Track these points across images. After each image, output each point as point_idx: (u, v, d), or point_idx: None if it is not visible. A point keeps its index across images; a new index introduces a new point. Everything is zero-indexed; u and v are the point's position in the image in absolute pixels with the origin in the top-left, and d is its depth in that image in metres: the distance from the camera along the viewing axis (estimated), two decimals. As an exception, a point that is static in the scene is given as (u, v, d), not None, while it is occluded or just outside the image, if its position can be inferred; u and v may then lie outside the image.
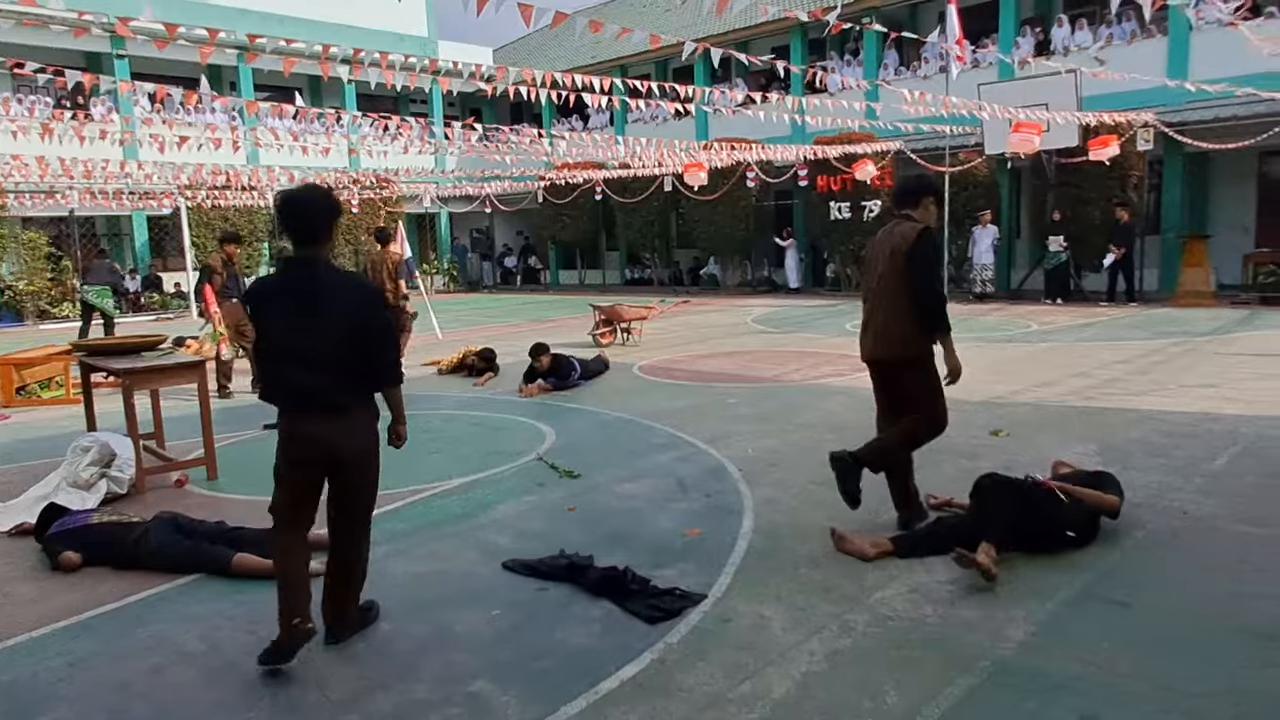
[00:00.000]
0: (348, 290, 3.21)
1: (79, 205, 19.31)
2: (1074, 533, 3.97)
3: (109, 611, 3.71)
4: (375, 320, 3.22)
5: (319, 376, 3.12)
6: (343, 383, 3.16)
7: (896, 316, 4.17)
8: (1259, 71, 13.25)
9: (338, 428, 3.17)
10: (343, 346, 3.12)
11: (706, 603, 3.55)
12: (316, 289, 3.15)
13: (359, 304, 3.19)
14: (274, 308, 3.19)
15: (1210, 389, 7.36)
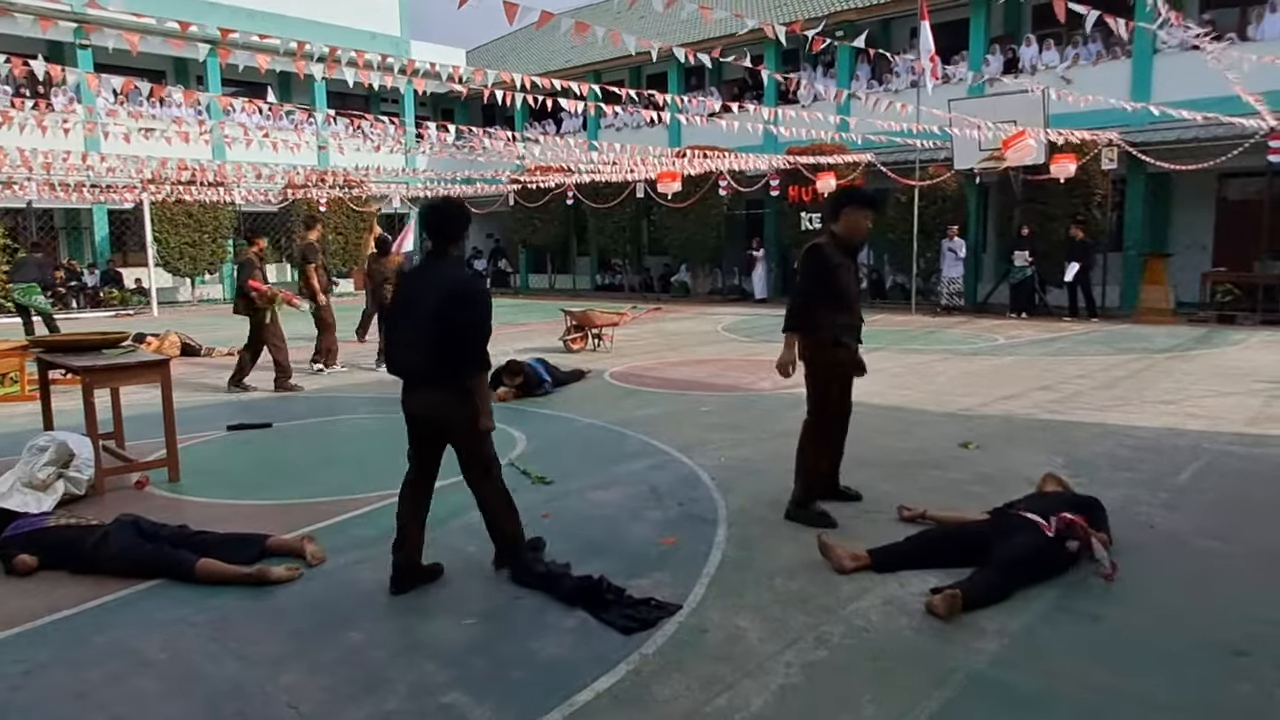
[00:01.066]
0: (446, 287, 3.69)
1: (37, 197, 18.85)
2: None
3: (66, 617, 3.59)
4: (457, 310, 3.67)
5: (422, 353, 3.70)
6: (439, 360, 3.68)
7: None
8: (1219, 95, 13.58)
9: (435, 397, 3.76)
10: (443, 330, 3.65)
11: (682, 613, 3.52)
12: (428, 281, 3.76)
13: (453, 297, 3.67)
14: (402, 292, 3.94)
15: (1172, 404, 7.50)
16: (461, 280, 3.78)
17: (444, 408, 3.79)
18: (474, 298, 3.73)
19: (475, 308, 3.73)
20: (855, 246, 4.76)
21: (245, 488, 5.50)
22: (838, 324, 4.60)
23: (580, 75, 24.12)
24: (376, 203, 25.23)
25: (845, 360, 4.67)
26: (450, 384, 3.74)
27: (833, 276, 4.59)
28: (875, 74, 20.28)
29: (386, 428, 7.36)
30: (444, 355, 3.68)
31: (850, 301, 4.66)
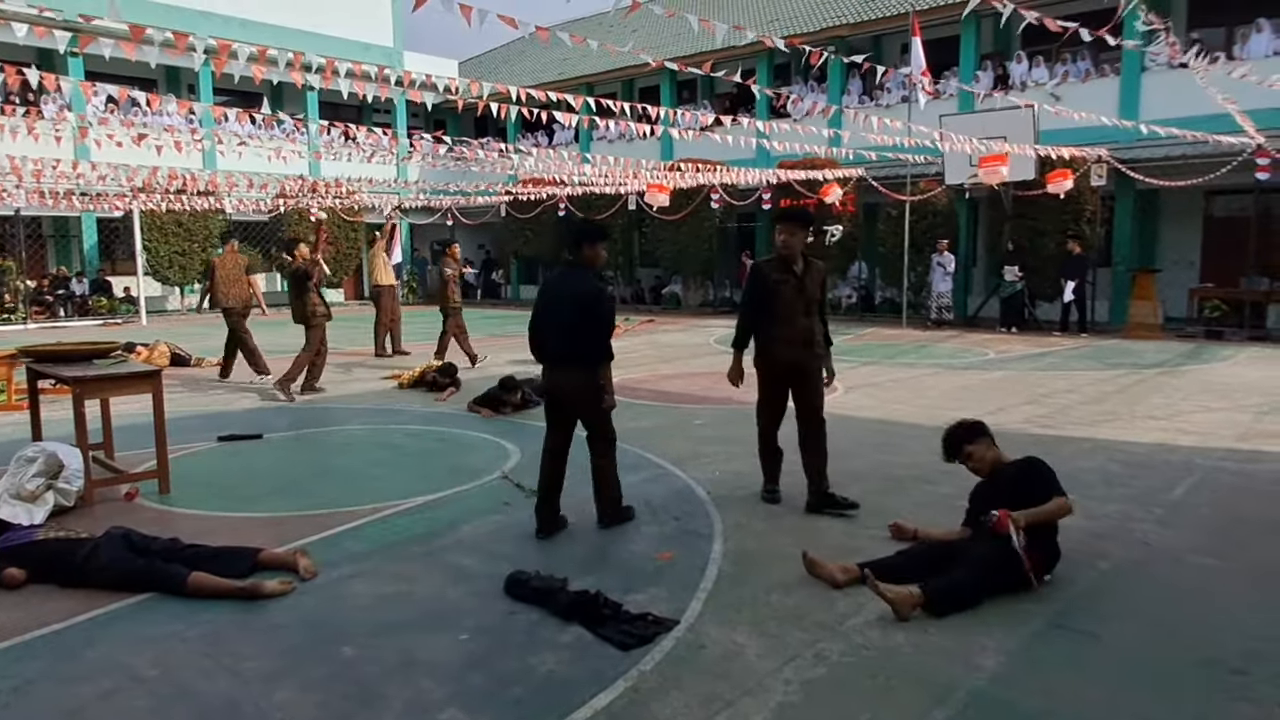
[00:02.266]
0: (580, 289, 4.61)
1: (25, 205, 18.72)
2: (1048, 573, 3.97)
3: (56, 631, 3.54)
4: (589, 308, 4.58)
5: (560, 343, 4.63)
6: (575, 350, 4.61)
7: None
8: (1206, 113, 13.72)
9: (571, 379, 4.65)
10: (577, 323, 4.58)
11: (679, 629, 3.50)
12: (568, 285, 4.67)
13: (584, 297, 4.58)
14: (544, 294, 4.83)
15: (1163, 420, 7.54)
16: (591, 287, 4.64)
17: (577, 387, 4.66)
18: (600, 302, 4.62)
19: (601, 310, 4.62)
20: (793, 260, 5.00)
21: (236, 500, 5.45)
22: (775, 338, 5.01)
23: (572, 87, 24.23)
24: (368, 213, 25.17)
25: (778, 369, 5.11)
26: (582, 369, 4.61)
27: (768, 293, 4.95)
28: (866, 89, 20.41)
29: (378, 440, 7.34)
30: (578, 346, 4.60)
31: (789, 315, 4.95)
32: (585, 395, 4.65)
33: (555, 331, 4.67)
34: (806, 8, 23.00)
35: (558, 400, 4.79)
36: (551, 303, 4.73)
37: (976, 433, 4.45)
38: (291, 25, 24.57)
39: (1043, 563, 3.93)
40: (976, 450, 4.40)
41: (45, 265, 22.50)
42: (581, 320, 4.58)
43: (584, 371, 4.62)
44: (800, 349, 5.01)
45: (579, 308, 4.58)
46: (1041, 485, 4.07)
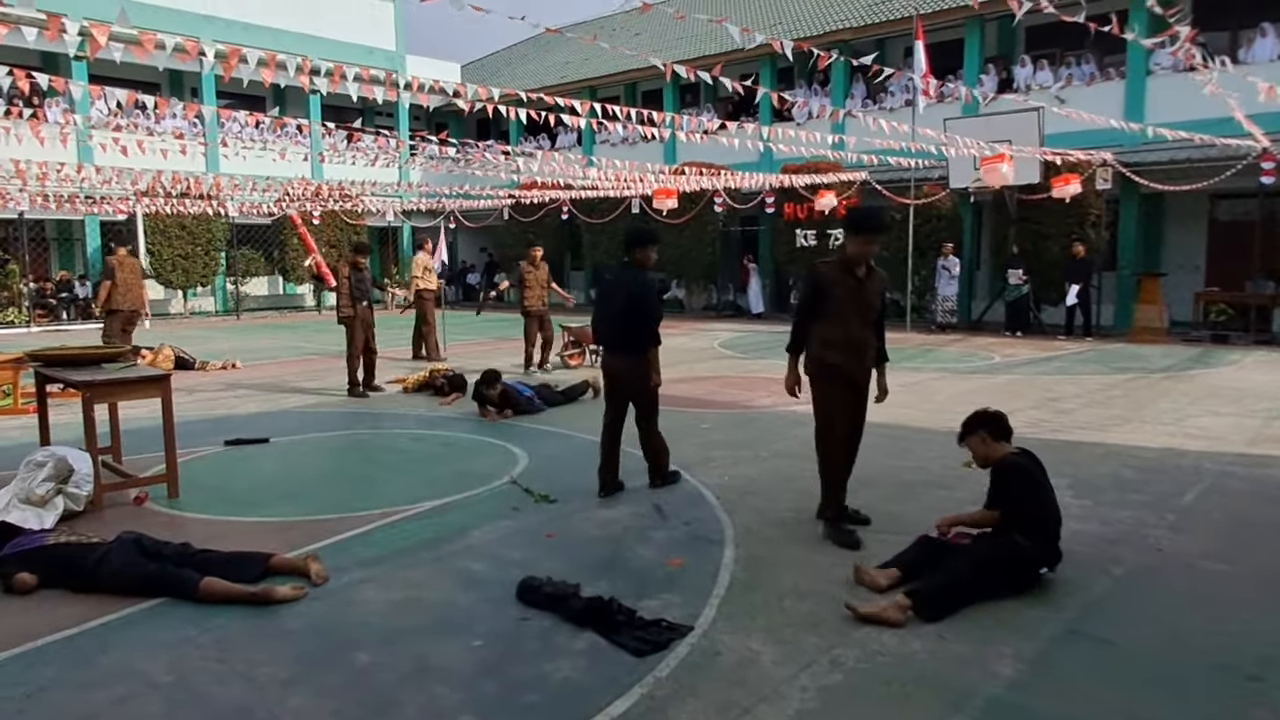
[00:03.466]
0: (633, 283, 5.37)
1: (29, 208, 18.75)
2: (1047, 568, 4.01)
3: (68, 637, 3.53)
4: (641, 300, 5.32)
5: (614, 332, 5.43)
6: (625, 337, 5.37)
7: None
8: (1211, 117, 13.72)
9: (624, 361, 5.40)
10: (627, 315, 5.31)
11: (693, 635, 3.49)
12: (621, 282, 5.44)
13: (636, 290, 5.34)
14: (601, 288, 5.79)
15: (1171, 425, 7.52)
16: (640, 281, 5.40)
17: (629, 370, 5.40)
18: (648, 294, 5.36)
19: (650, 301, 5.35)
20: (857, 266, 4.75)
21: (245, 504, 5.44)
22: (828, 341, 4.71)
23: (576, 91, 24.25)
24: (369, 216, 25.19)
25: (833, 375, 4.71)
26: (633, 354, 5.36)
27: (825, 297, 4.70)
28: (870, 93, 20.41)
29: (385, 444, 7.34)
30: (629, 335, 5.34)
31: (845, 320, 4.69)
32: (635, 375, 5.39)
33: (609, 322, 5.46)
34: (810, 11, 23.02)
35: (613, 380, 5.54)
36: (607, 298, 5.56)
37: (971, 427, 4.43)
38: (294, 29, 24.62)
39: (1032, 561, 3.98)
40: (970, 444, 4.42)
41: (48, 268, 22.52)
42: (631, 313, 5.32)
43: (634, 357, 5.37)
44: (853, 356, 4.72)
45: (629, 302, 5.33)
46: (996, 489, 4.22)
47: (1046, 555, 4.01)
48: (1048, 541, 4.01)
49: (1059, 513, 4.13)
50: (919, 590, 3.69)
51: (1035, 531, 3.97)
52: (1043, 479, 4.17)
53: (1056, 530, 4.06)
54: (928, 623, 3.57)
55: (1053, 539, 4.03)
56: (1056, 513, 4.12)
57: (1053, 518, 4.08)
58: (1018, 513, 4.02)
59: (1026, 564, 3.94)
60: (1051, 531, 4.04)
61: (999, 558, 3.89)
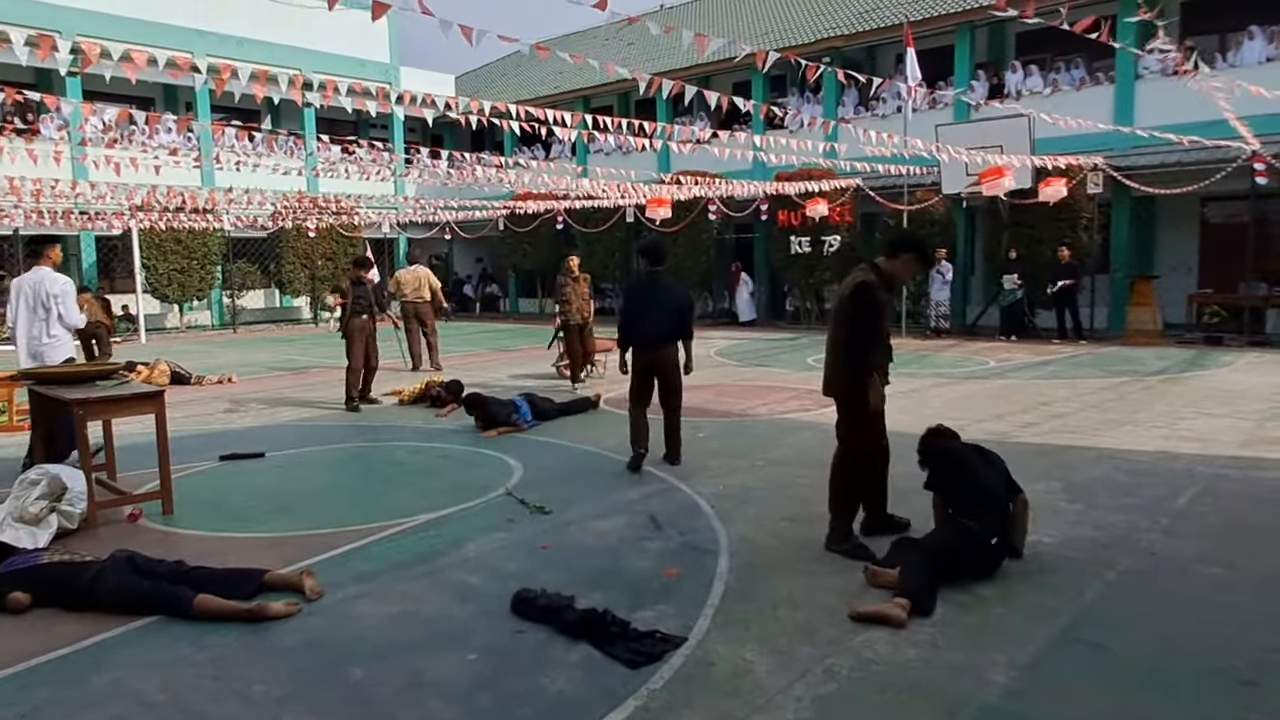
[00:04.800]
0: (673, 290, 6.66)
1: (24, 224, 18.73)
2: (995, 537, 4.14)
3: (62, 656, 3.53)
4: (684, 304, 6.57)
5: (661, 329, 6.40)
6: (672, 332, 6.43)
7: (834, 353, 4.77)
8: (1200, 120, 13.79)
9: (668, 353, 6.45)
10: (669, 315, 6.40)
11: (688, 646, 3.49)
12: (661, 287, 6.57)
13: (678, 296, 6.61)
14: (639, 294, 6.61)
15: (1165, 427, 7.54)
16: (678, 286, 6.99)
17: (671, 359, 6.47)
18: (687, 296, 6.79)
19: (688, 301, 6.67)
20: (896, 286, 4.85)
21: (240, 520, 5.44)
22: (878, 361, 4.65)
23: (569, 101, 24.35)
24: (365, 228, 25.21)
25: (880, 395, 4.65)
26: (675, 346, 6.48)
27: (882, 315, 4.64)
28: (862, 99, 20.49)
29: (381, 456, 7.34)
30: (675, 329, 6.43)
31: (887, 338, 4.73)
32: (676, 364, 6.48)
33: (654, 323, 6.39)
34: (801, 19, 23.14)
35: (650, 370, 6.47)
36: (646, 302, 6.48)
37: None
38: (287, 42, 24.67)
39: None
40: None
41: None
42: (678, 312, 6.47)
43: (676, 348, 6.48)
44: (886, 373, 4.74)
45: (676, 304, 6.48)
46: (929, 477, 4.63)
47: (995, 532, 4.13)
48: (990, 518, 4.17)
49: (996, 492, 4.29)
50: (906, 589, 3.78)
51: (973, 511, 4.19)
52: (971, 462, 4.44)
53: (995, 508, 4.22)
54: (924, 617, 3.67)
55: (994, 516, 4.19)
56: (990, 491, 4.27)
57: (984, 496, 4.25)
58: (950, 495, 4.39)
59: (979, 544, 4.10)
60: (990, 509, 4.20)
61: (949, 539, 4.16)
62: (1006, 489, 4.35)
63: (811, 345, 15.39)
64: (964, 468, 4.43)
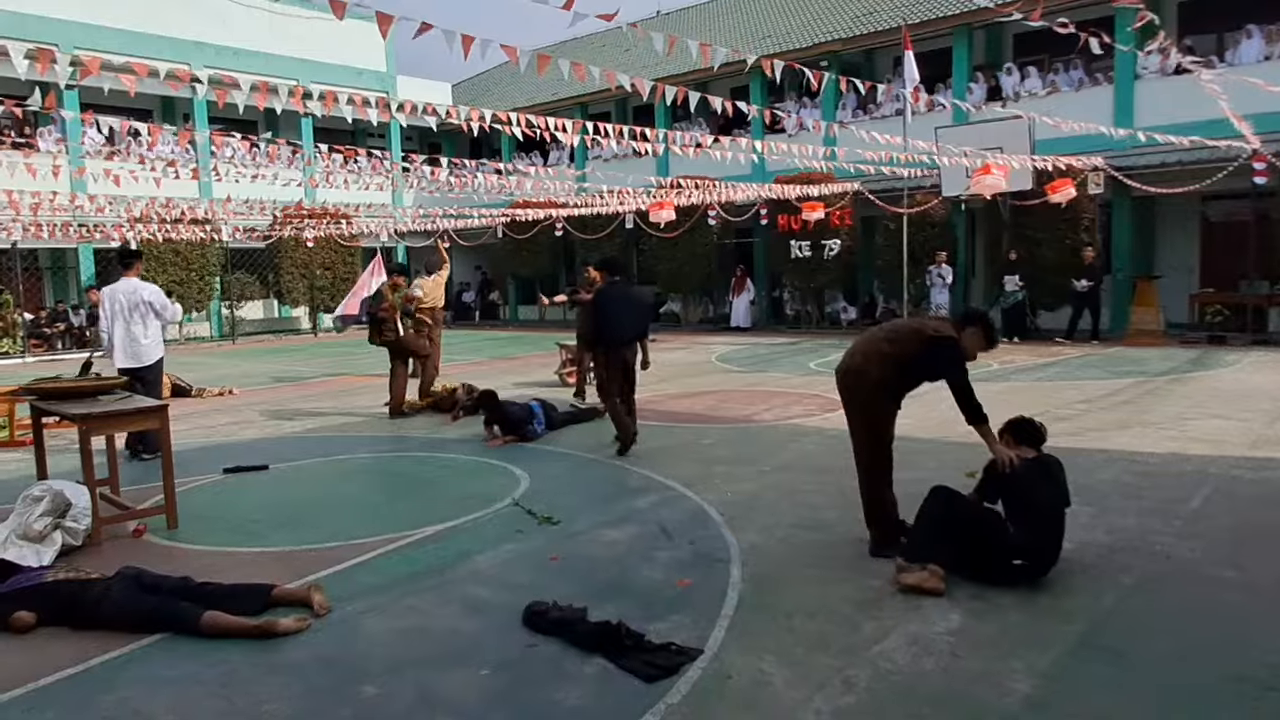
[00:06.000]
0: (643, 292, 7.79)
1: (22, 238, 18.71)
2: (1021, 560, 4.07)
3: (69, 676, 3.47)
4: (653, 305, 7.71)
5: (634, 328, 7.34)
6: (641, 330, 7.41)
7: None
8: (1200, 119, 13.79)
9: (632, 350, 7.39)
10: (643, 315, 7.54)
11: (704, 658, 3.45)
12: (629, 292, 7.56)
13: (648, 297, 7.84)
14: (615, 300, 7.30)
15: (1174, 429, 7.51)
16: (645, 289, 10.37)
17: (636, 353, 7.42)
18: (653, 298, 9.69)
19: (655, 301, 9.96)
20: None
21: (245, 534, 5.39)
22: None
23: (567, 108, 24.33)
24: (364, 237, 25.18)
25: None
26: (642, 341, 7.45)
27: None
28: (861, 103, 20.48)
29: (385, 468, 7.30)
30: (645, 327, 7.51)
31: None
32: (637, 358, 7.45)
33: (631, 323, 7.31)
34: (799, 24, 23.15)
35: (626, 365, 7.35)
36: (623, 305, 7.30)
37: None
38: (284, 52, 24.70)
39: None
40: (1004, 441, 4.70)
41: (42, 298, 22.46)
42: (646, 315, 7.72)
43: (642, 344, 7.47)
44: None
45: (645, 308, 7.75)
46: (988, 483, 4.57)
47: (1029, 552, 4.08)
48: (1035, 539, 4.10)
49: (1053, 516, 4.18)
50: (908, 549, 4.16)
51: (1024, 528, 4.13)
52: (1040, 482, 4.29)
53: (1047, 531, 4.13)
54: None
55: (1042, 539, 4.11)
56: (1049, 514, 4.17)
57: (1041, 517, 4.15)
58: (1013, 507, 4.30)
59: (1002, 549, 4.08)
60: (1042, 531, 4.12)
61: (978, 519, 4.25)
62: (1060, 501, 4.25)
63: (813, 350, 15.36)
64: (1024, 490, 4.27)
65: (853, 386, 4.71)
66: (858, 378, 4.67)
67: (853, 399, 4.74)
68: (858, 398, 4.71)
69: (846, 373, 4.75)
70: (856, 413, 4.74)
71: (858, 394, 4.70)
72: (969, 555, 4.15)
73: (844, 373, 4.77)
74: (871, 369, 4.62)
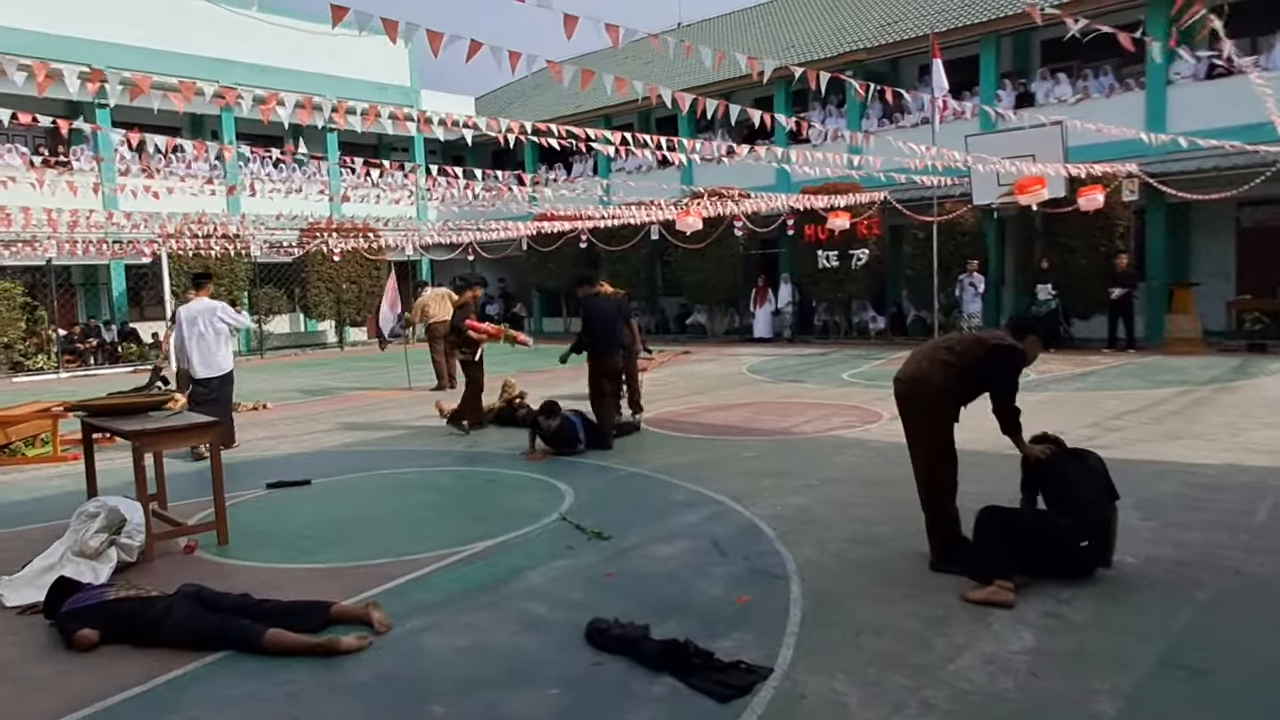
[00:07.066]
0: (617, 303, 8.74)
1: (56, 255, 18.95)
2: (1085, 540, 4.18)
3: (135, 696, 3.46)
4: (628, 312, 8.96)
5: (617, 337, 8.39)
6: (622, 339, 8.49)
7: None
8: (1234, 124, 13.61)
9: (621, 357, 8.47)
10: (624, 324, 8.64)
11: (774, 677, 3.38)
12: (611, 303, 8.58)
13: (627, 309, 8.96)
14: (605, 311, 8.38)
15: (1227, 439, 7.36)
16: (624, 301, 9.03)
17: (626, 362, 8.67)
18: (628, 306, 9.13)
19: (629, 310, 9.03)
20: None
21: (294, 550, 5.38)
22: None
23: (591, 120, 24.38)
24: (389, 251, 25.30)
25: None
26: (627, 349, 8.77)
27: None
28: (886, 112, 20.40)
29: (427, 482, 7.27)
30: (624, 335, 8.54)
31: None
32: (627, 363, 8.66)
33: (620, 331, 8.43)
34: (823, 33, 23.12)
35: (618, 370, 8.49)
36: (614, 315, 8.40)
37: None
38: (309, 69, 24.89)
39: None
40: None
41: (75, 314, 22.72)
42: (626, 320, 8.78)
43: (628, 351, 8.78)
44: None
45: (627, 315, 8.88)
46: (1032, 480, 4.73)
47: (1087, 535, 4.20)
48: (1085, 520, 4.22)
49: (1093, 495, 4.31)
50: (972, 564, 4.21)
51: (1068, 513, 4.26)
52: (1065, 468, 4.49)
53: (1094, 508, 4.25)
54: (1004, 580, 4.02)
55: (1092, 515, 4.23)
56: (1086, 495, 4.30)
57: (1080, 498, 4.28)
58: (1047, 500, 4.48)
59: (1065, 539, 4.21)
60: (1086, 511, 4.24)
61: (1034, 519, 4.42)
62: (1106, 492, 4.35)
63: (843, 361, 15.25)
64: (1058, 474, 4.48)
65: (917, 395, 4.64)
66: (922, 385, 4.60)
67: (914, 408, 4.67)
68: (919, 406, 4.65)
69: (909, 380, 4.67)
70: (919, 420, 4.66)
71: (919, 402, 4.63)
72: (1038, 557, 4.21)
73: (906, 380, 4.69)
74: (935, 376, 4.56)
